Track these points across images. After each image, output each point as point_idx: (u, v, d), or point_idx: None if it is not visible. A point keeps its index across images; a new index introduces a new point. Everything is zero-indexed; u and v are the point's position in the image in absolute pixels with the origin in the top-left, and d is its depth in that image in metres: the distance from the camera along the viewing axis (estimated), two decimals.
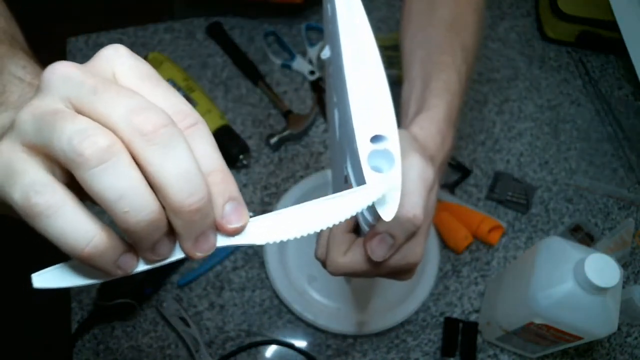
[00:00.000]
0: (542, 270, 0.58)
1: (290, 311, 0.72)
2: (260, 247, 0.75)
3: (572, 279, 0.54)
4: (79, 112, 0.24)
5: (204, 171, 0.25)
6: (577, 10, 0.90)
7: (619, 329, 0.71)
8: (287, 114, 0.84)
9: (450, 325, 0.72)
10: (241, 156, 0.79)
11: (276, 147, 0.82)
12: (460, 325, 0.72)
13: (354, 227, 0.41)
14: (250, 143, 0.81)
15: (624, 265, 0.76)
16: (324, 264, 0.42)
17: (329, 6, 0.37)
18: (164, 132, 0.24)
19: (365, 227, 0.38)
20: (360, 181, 0.33)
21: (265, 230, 0.28)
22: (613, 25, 0.82)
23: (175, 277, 0.74)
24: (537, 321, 0.58)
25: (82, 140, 0.23)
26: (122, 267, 0.26)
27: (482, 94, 0.89)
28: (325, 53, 0.42)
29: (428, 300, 0.73)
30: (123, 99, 0.24)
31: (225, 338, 0.71)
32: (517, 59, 0.93)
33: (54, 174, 0.25)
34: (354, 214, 0.29)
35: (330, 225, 0.29)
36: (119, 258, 0.26)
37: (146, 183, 0.24)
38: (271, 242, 0.28)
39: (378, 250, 0.38)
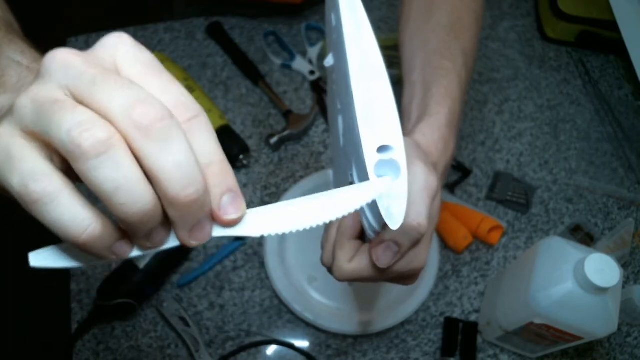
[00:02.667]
0: (542, 270, 0.58)
1: (290, 311, 0.72)
2: (261, 247, 0.75)
3: (572, 279, 0.54)
4: (78, 101, 0.25)
5: (203, 163, 0.25)
6: (577, 10, 0.90)
7: (619, 329, 0.71)
8: (287, 114, 0.84)
9: (450, 325, 0.72)
10: (241, 156, 0.79)
11: (276, 147, 0.82)
12: (460, 325, 0.72)
13: (360, 233, 0.41)
14: (250, 143, 0.82)
15: (624, 265, 0.76)
16: (330, 270, 0.43)
17: (333, 16, 0.38)
18: (160, 126, 0.24)
19: (370, 234, 0.38)
20: None
21: (262, 222, 0.28)
22: (613, 25, 0.81)
23: (175, 277, 0.74)
24: (537, 321, 0.58)
25: (81, 132, 0.23)
26: (117, 253, 0.27)
27: (482, 94, 0.89)
28: (329, 61, 0.43)
29: (428, 300, 0.73)
30: (122, 91, 0.24)
31: (225, 338, 0.71)
32: (517, 59, 0.93)
33: (51, 161, 0.25)
34: (353, 211, 0.30)
35: (328, 221, 0.29)
36: (113, 244, 0.26)
37: (142, 175, 0.24)
38: (266, 234, 0.28)
39: (383, 258, 0.38)
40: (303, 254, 0.75)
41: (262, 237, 0.75)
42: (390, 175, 0.32)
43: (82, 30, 0.92)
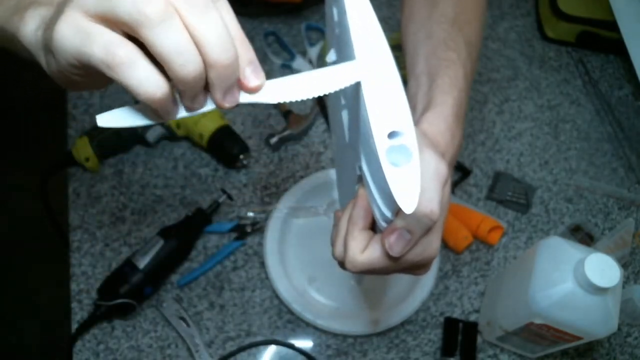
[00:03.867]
0: (542, 270, 0.58)
1: (290, 311, 0.72)
2: (260, 247, 0.75)
3: (572, 279, 0.54)
4: None
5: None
6: (577, 10, 0.90)
7: (619, 329, 0.71)
8: (287, 114, 0.84)
9: (450, 325, 0.72)
10: (241, 156, 0.79)
11: (276, 147, 0.82)
12: (460, 325, 0.72)
13: (371, 224, 0.41)
14: (250, 143, 0.81)
15: (624, 265, 0.76)
16: (342, 263, 0.43)
17: (335, 11, 0.38)
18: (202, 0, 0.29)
19: (382, 224, 0.38)
20: (379, 178, 0.33)
21: (279, 90, 0.33)
22: (613, 25, 0.82)
23: (175, 277, 0.74)
24: (537, 321, 0.58)
25: (145, 3, 0.28)
26: (171, 113, 0.32)
27: (482, 94, 0.89)
28: (331, 57, 0.43)
29: (428, 300, 0.73)
30: None
31: (225, 338, 0.71)
32: (517, 59, 0.93)
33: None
34: (354, 82, 0.33)
35: (334, 90, 0.33)
36: (171, 105, 0.32)
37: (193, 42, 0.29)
38: (282, 101, 0.33)
39: (396, 246, 0.38)
40: (303, 254, 0.75)
41: (262, 237, 0.75)
42: (402, 160, 0.32)
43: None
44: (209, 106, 0.33)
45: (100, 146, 0.78)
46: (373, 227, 0.41)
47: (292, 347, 0.70)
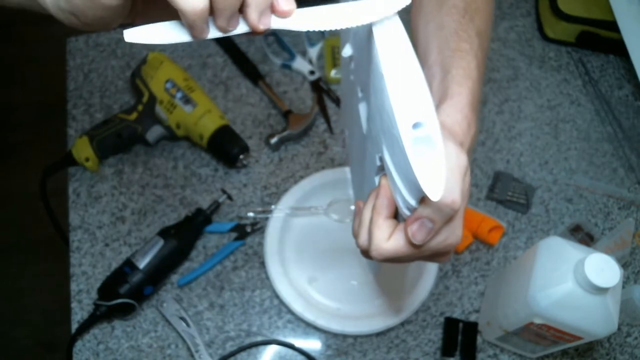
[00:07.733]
0: (542, 270, 0.58)
1: (290, 311, 0.72)
2: (260, 247, 0.75)
3: (572, 279, 0.54)
4: None
5: None
6: (577, 10, 0.90)
7: (619, 329, 0.71)
8: (287, 114, 0.84)
9: (450, 325, 0.72)
10: (241, 156, 0.79)
11: (276, 147, 0.82)
12: (460, 325, 0.72)
13: (394, 213, 0.42)
14: (250, 143, 0.82)
15: (624, 265, 0.76)
16: (365, 251, 0.44)
17: None
18: None
19: (405, 212, 0.39)
20: (403, 167, 0.35)
21: (306, 19, 0.35)
22: (613, 25, 0.82)
23: (175, 277, 0.74)
24: (537, 321, 0.58)
25: None
26: (204, 31, 0.34)
27: (482, 94, 0.89)
28: (346, 51, 0.44)
29: (428, 300, 0.73)
30: None
31: (225, 338, 0.71)
32: (517, 59, 0.93)
33: None
34: (379, 18, 0.35)
35: (356, 25, 0.35)
36: (207, 22, 0.34)
37: None
38: (310, 29, 0.35)
39: (418, 234, 0.39)
40: (303, 254, 0.76)
41: (262, 237, 0.75)
42: (426, 150, 0.33)
43: (82, 30, 0.92)
44: (242, 28, 0.35)
45: (100, 146, 0.78)
46: (396, 215, 0.42)
47: (292, 347, 0.70)
